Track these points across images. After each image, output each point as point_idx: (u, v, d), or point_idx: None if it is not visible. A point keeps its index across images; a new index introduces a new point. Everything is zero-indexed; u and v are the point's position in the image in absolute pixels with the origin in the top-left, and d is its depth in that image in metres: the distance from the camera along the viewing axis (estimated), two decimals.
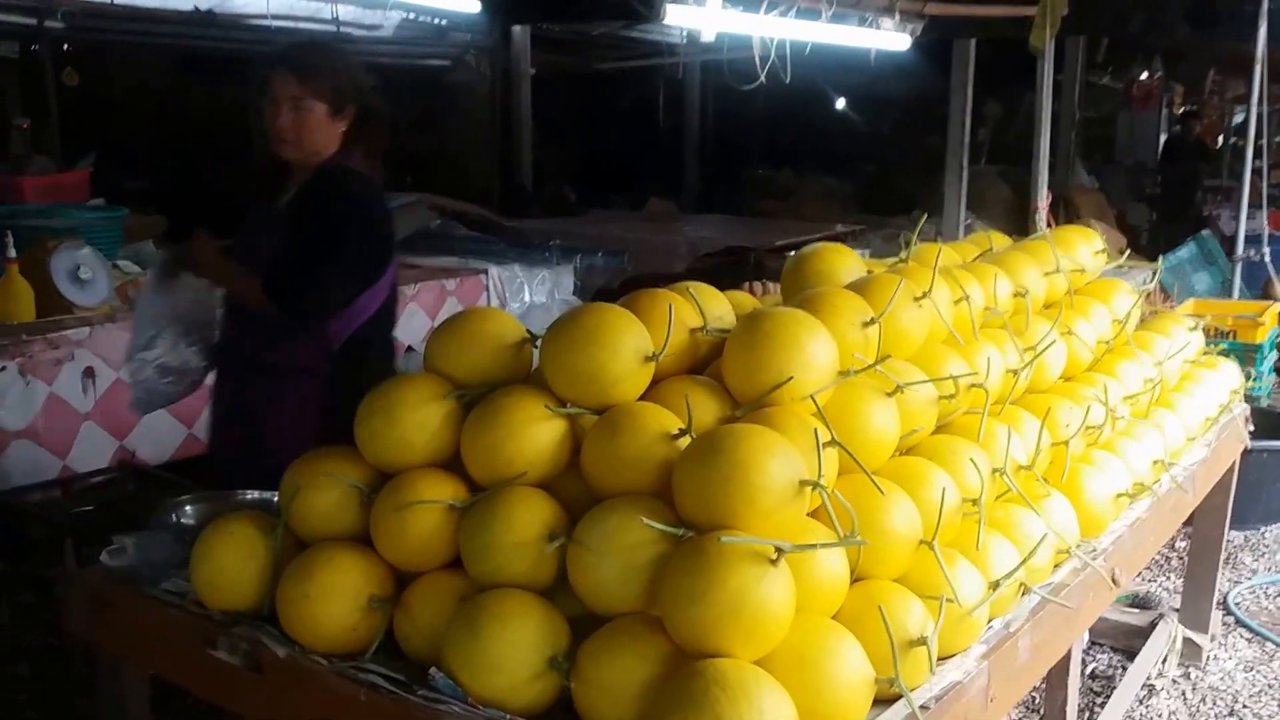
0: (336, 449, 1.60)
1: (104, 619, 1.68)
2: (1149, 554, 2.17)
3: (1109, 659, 3.10)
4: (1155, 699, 2.87)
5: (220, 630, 1.52)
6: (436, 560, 1.49)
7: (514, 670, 1.31)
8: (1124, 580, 2.01)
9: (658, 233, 6.70)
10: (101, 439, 3.52)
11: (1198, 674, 3.01)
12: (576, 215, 7.92)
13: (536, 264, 5.14)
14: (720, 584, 1.21)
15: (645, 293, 1.64)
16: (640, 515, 1.33)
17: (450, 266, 4.87)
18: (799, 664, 1.27)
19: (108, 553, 1.70)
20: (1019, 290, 2.16)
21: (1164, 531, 2.26)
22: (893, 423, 1.60)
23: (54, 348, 3.37)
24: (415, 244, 5.40)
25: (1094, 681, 2.97)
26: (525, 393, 1.50)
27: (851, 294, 1.70)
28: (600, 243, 6.03)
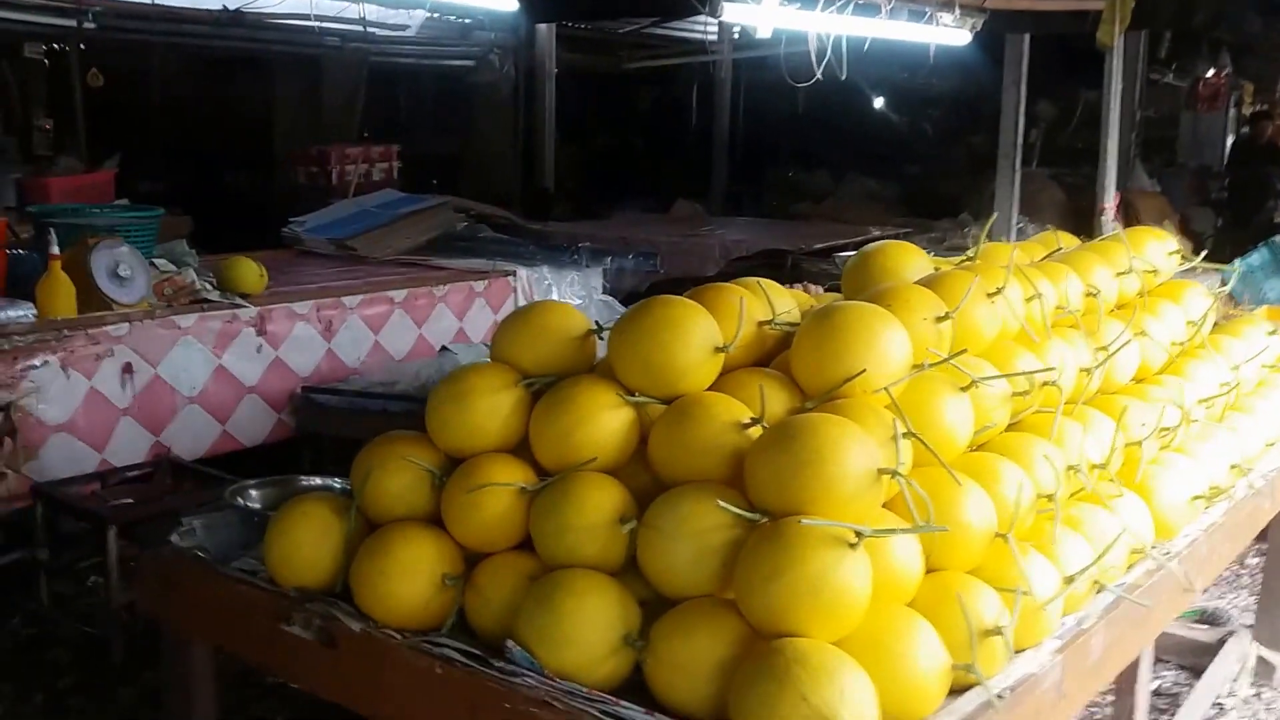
0: (406, 434, 1.68)
1: (173, 598, 1.78)
2: (1224, 561, 2.21)
3: (1174, 676, 3.13)
4: (1225, 718, 2.91)
5: (294, 606, 1.61)
6: (506, 541, 1.57)
7: (589, 646, 1.38)
8: (1199, 585, 2.06)
9: (686, 235, 6.79)
10: (138, 434, 3.66)
11: (1271, 694, 3.04)
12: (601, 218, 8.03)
13: (565, 266, 5.26)
14: (800, 563, 1.28)
15: (713, 286, 1.72)
16: (713, 500, 1.41)
17: (478, 268, 5.02)
18: (875, 648, 1.33)
19: (177, 533, 1.80)
20: (1090, 290, 2.22)
21: (1240, 539, 2.31)
22: (966, 417, 1.66)
23: (94, 343, 3.52)
24: (442, 246, 5.58)
25: (1158, 699, 3.01)
26: (594, 382, 1.58)
27: (924, 289, 1.76)
28: (629, 245, 6.13)
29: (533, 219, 7.08)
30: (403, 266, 5.14)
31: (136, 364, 3.62)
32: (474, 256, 5.33)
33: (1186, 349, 2.45)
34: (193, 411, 3.80)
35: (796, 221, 8.27)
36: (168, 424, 3.74)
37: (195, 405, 3.81)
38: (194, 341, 3.79)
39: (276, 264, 4.79)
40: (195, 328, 3.80)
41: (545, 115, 8.98)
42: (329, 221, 5.83)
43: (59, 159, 7.17)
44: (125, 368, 3.60)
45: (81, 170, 6.85)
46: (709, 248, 6.50)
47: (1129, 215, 7.43)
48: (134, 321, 3.63)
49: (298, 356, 4.10)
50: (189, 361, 3.78)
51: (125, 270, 3.64)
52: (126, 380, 3.61)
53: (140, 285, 3.70)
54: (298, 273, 4.82)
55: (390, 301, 4.49)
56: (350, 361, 4.27)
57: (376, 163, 7.58)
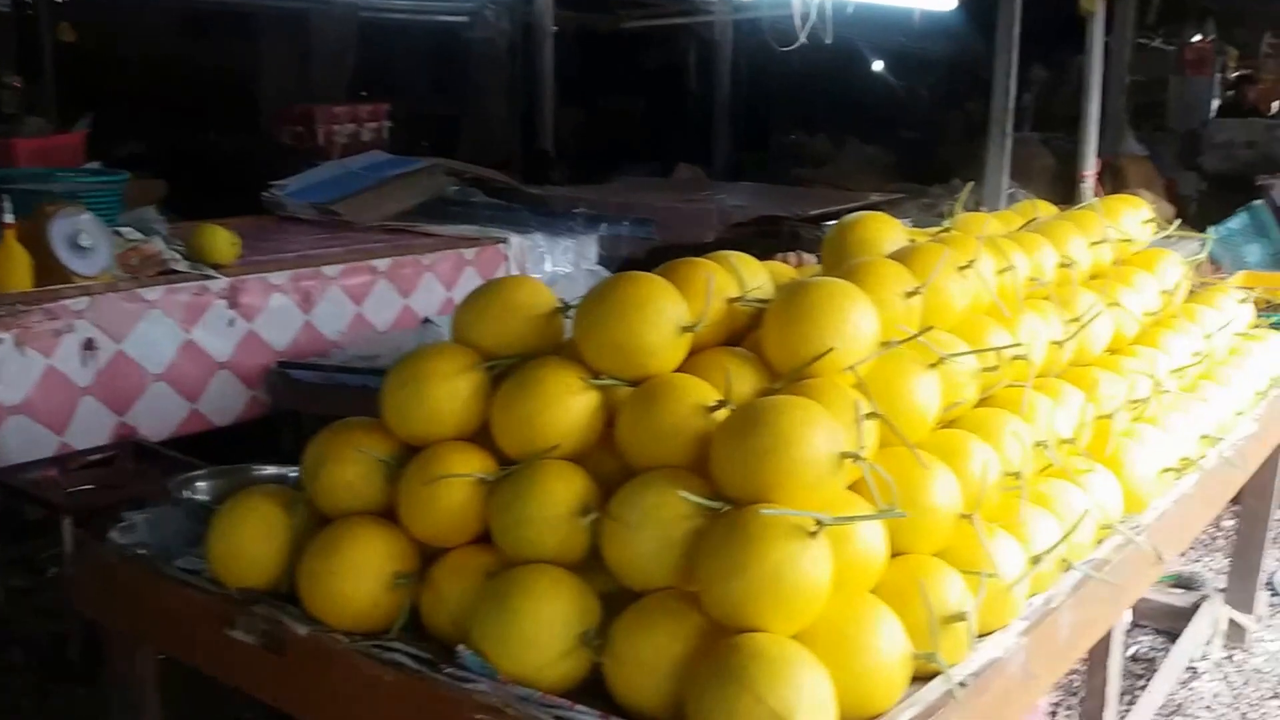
0: (361, 421, 1.63)
1: (114, 598, 1.71)
2: (1195, 531, 2.19)
3: (1151, 641, 3.13)
4: (1198, 682, 2.91)
5: (239, 609, 1.55)
6: (464, 535, 1.52)
7: (545, 647, 1.34)
8: (1168, 557, 2.03)
9: (686, 200, 6.65)
10: (101, 414, 3.50)
11: (1242, 656, 3.04)
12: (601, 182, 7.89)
13: (559, 233, 5.09)
14: (760, 557, 1.25)
15: (683, 261, 1.67)
16: (677, 489, 1.37)
17: (469, 235, 4.81)
18: (837, 639, 1.30)
19: (118, 529, 1.72)
20: (1065, 261, 2.18)
21: (1211, 508, 2.29)
22: (935, 395, 1.62)
23: (52, 318, 3.35)
24: (431, 211, 5.34)
25: (1135, 664, 3.01)
26: (558, 364, 1.53)
27: (894, 263, 1.72)
28: (626, 210, 5.98)
29: (530, 183, 6.91)
30: (389, 233, 4.92)
31: (99, 340, 3.47)
32: (466, 223, 5.11)
33: (1160, 318, 2.42)
34: (159, 390, 3.65)
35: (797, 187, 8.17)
36: (133, 403, 3.59)
37: (162, 383, 3.65)
38: (161, 315, 3.64)
39: (255, 230, 4.64)
40: (162, 300, 3.65)
41: (544, 75, 8.74)
42: (312, 185, 5.61)
43: (27, 120, 6.91)
44: (86, 344, 3.44)
45: (50, 131, 6.60)
46: (707, 214, 6.37)
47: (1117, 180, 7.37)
48: (95, 295, 3.46)
49: (273, 330, 3.94)
50: (155, 336, 3.62)
51: (86, 240, 3.46)
52: (88, 357, 3.45)
53: (103, 256, 3.53)
54: (277, 240, 4.62)
55: (373, 271, 4.33)
56: (330, 335, 4.11)
57: (365, 123, 7.35)
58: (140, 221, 4.06)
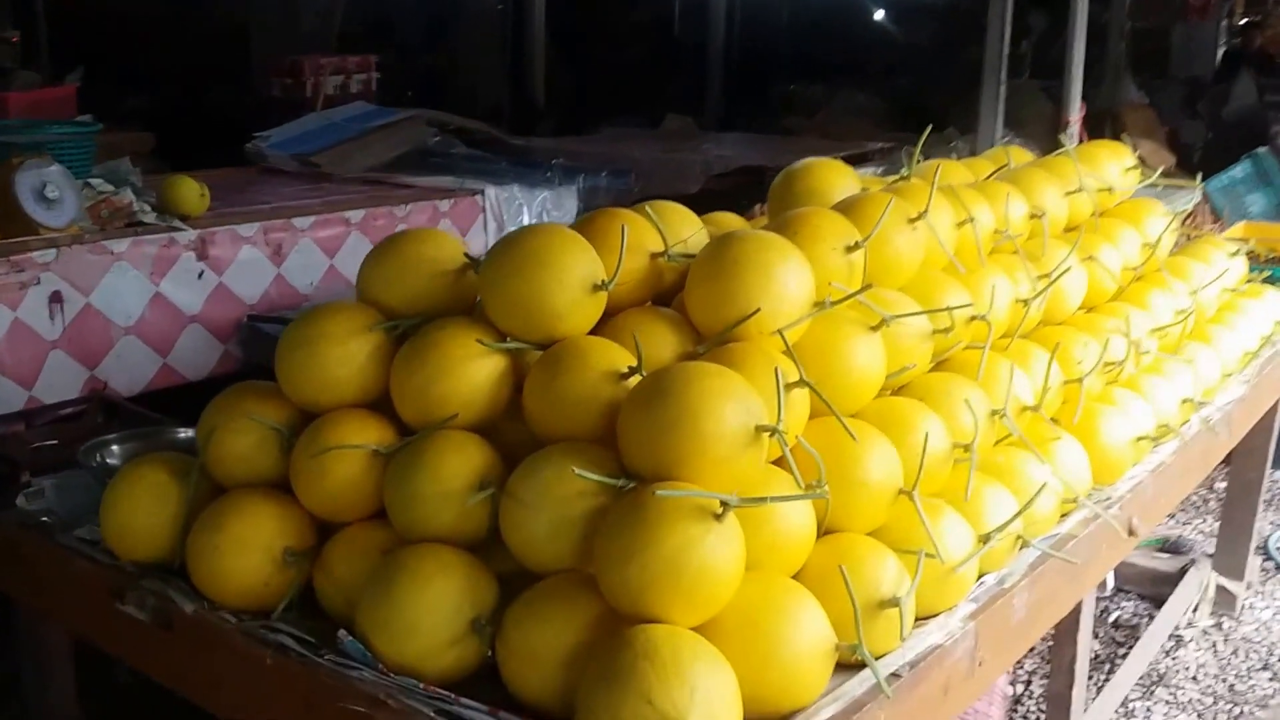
0: (261, 385, 1.50)
1: (16, 567, 1.60)
2: (1174, 501, 2.05)
3: (1134, 607, 2.99)
4: (1183, 650, 2.78)
5: (129, 582, 1.44)
6: (360, 510, 1.39)
7: (430, 634, 1.22)
8: (1143, 530, 1.89)
9: (670, 151, 6.46)
10: (71, 368, 3.39)
11: (1231, 624, 2.90)
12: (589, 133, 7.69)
13: (537, 184, 4.92)
14: (657, 542, 1.11)
15: (600, 213, 1.52)
16: (577, 464, 1.23)
17: (445, 186, 4.59)
18: (748, 629, 1.17)
19: (24, 495, 1.62)
20: (1035, 211, 2.02)
21: (1192, 477, 2.14)
22: (876, 360, 1.47)
23: (18, 271, 3.23)
24: (409, 163, 5.16)
25: (1117, 631, 2.87)
26: (461, 325, 1.39)
27: (834, 215, 1.56)
28: (608, 162, 5.81)
29: (517, 134, 6.74)
30: (368, 185, 4.71)
31: (66, 293, 3.37)
32: (445, 174, 4.87)
33: (1143, 274, 2.26)
34: (130, 343, 3.54)
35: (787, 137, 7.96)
36: (103, 357, 3.47)
37: (132, 336, 3.54)
38: (128, 268, 3.51)
39: (234, 182, 4.53)
40: (129, 253, 3.50)
41: (535, 24, 8.51)
42: (294, 136, 5.49)
43: (20, 73, 6.83)
44: (53, 297, 3.34)
45: (41, 85, 6.51)
46: (689, 165, 6.17)
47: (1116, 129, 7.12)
48: (62, 247, 3.33)
49: (243, 283, 3.79)
50: (123, 289, 3.48)
51: (53, 192, 3.36)
52: (55, 310, 3.37)
53: (70, 208, 3.43)
54: (254, 192, 4.47)
55: (346, 223, 4.17)
56: (302, 288, 3.97)
57: (354, 74, 7.19)
58: (113, 173, 3.95)
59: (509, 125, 7.18)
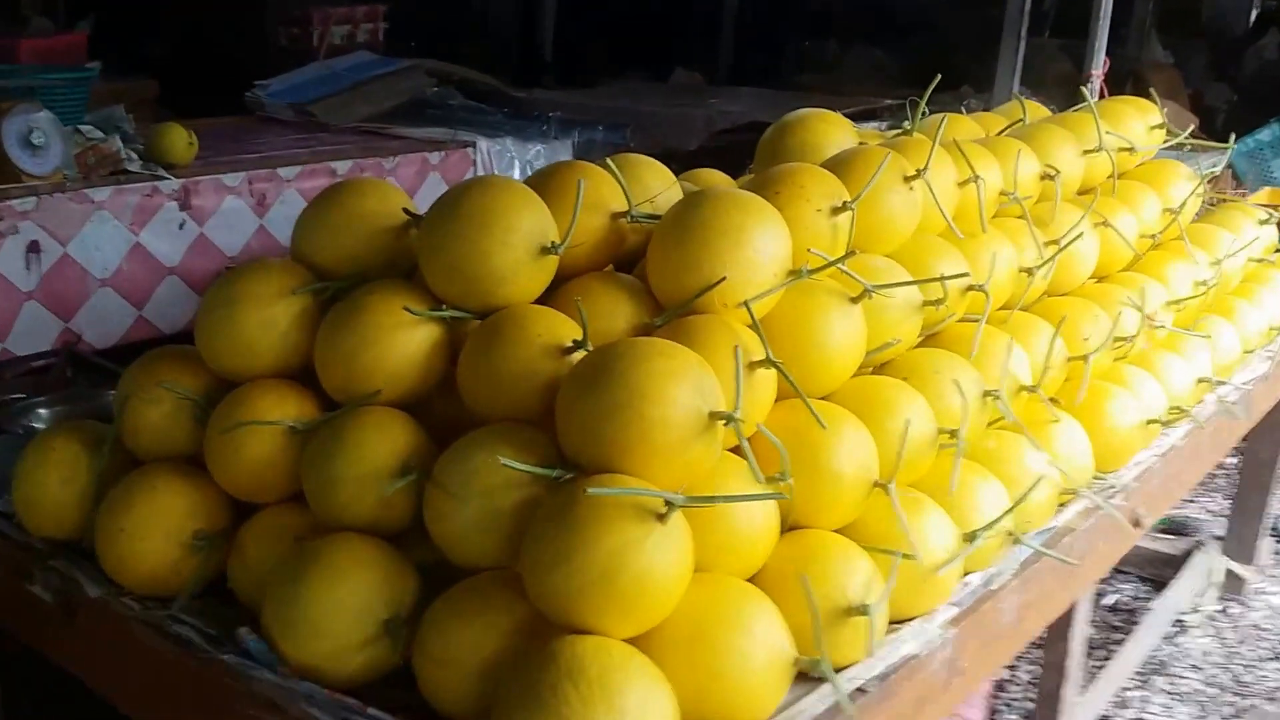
0: (182, 350, 1.36)
1: None
2: (1184, 488, 1.89)
3: (1134, 589, 2.84)
4: (1186, 637, 2.62)
5: (36, 562, 1.31)
6: (278, 491, 1.25)
7: (337, 635, 1.08)
8: (1149, 521, 1.74)
9: (673, 106, 6.25)
10: (45, 320, 3.25)
11: (1239, 610, 2.75)
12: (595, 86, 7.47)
13: (532, 137, 4.74)
14: (589, 546, 0.96)
15: (557, 166, 1.36)
16: (508, 450, 1.08)
17: (437, 138, 4.43)
18: (694, 640, 1.02)
19: None
20: (1048, 171, 1.84)
21: (1204, 461, 1.98)
22: (856, 335, 1.32)
23: None
24: (408, 114, 4.98)
25: (1114, 615, 2.72)
26: (392, 290, 1.23)
27: (821, 172, 1.40)
28: (610, 116, 5.62)
29: (521, 86, 6.55)
30: (362, 135, 4.56)
31: (44, 242, 3.24)
32: (440, 125, 4.70)
33: (1162, 242, 2.08)
34: (105, 295, 3.40)
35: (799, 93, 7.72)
36: (77, 309, 3.34)
37: (108, 288, 3.40)
38: (109, 217, 3.38)
39: (230, 131, 4.39)
40: (111, 202, 3.38)
41: None
42: (293, 85, 5.36)
43: (34, 20, 6.73)
44: (31, 246, 3.21)
45: (53, 32, 6.40)
46: (692, 120, 5.97)
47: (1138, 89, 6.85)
48: (42, 195, 3.19)
49: (225, 234, 3.65)
50: (102, 239, 3.35)
51: (39, 138, 3.21)
52: (32, 260, 3.24)
53: (56, 154, 3.29)
54: (246, 141, 4.34)
55: (332, 174, 3.98)
56: (284, 239, 3.79)
57: (361, 24, 7.06)
58: (105, 120, 3.81)
59: (515, 77, 6.96)
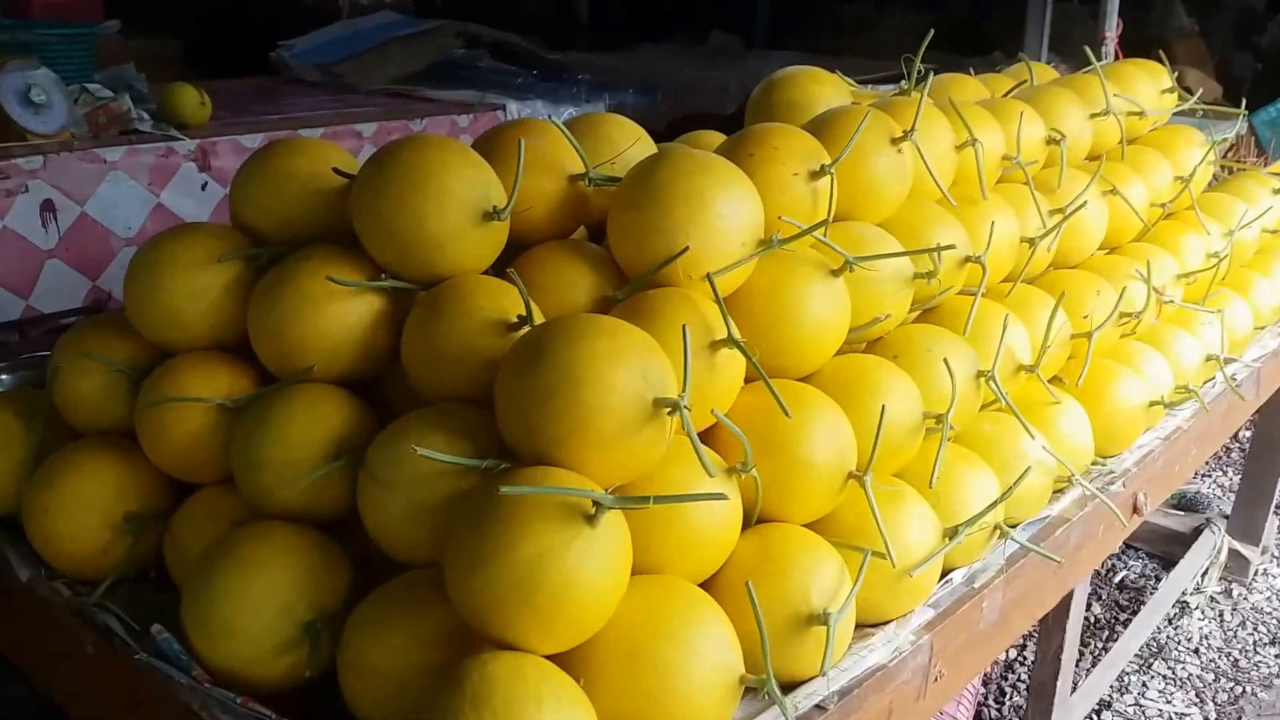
0: (118, 317, 1.22)
1: None
2: (1189, 471, 1.72)
3: (1142, 567, 2.67)
4: (1186, 620, 2.46)
5: None
6: (215, 471, 1.11)
7: (252, 639, 0.95)
8: (1150, 507, 1.58)
9: (713, 70, 6.01)
10: (71, 278, 3.15)
11: (1241, 592, 2.58)
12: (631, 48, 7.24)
13: (563, 100, 4.54)
14: (506, 550, 0.82)
15: (504, 125, 1.21)
16: (444, 433, 0.94)
17: (466, 100, 4.26)
18: (631, 656, 0.88)
19: None
20: (1053, 135, 1.67)
21: (1211, 442, 1.81)
22: (836, 310, 1.16)
23: (3, 178, 2.98)
24: (437, 75, 4.80)
25: (1122, 593, 2.56)
26: (327, 257, 1.09)
27: (798, 133, 1.23)
28: (643, 80, 5.39)
29: (554, 48, 6.32)
30: (389, 97, 4.40)
31: (59, 201, 3.13)
32: (469, 88, 4.52)
33: (1173, 211, 1.90)
34: (131, 254, 3.32)
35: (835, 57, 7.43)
36: (105, 266, 3.21)
37: (134, 247, 3.29)
38: (125, 177, 3.27)
39: (253, 92, 4.26)
40: (124, 162, 3.26)
41: None
42: (319, 45, 5.17)
43: None
44: (45, 205, 3.11)
45: None
46: (727, 84, 5.75)
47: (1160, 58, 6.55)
48: (49, 154, 3.07)
49: None
50: (120, 199, 3.23)
51: (39, 95, 3.10)
52: (49, 219, 3.14)
53: (60, 113, 3.18)
54: (268, 102, 4.20)
55: (357, 136, 3.83)
56: None
57: None
58: (115, 79, 3.67)
59: (548, 39, 6.73)
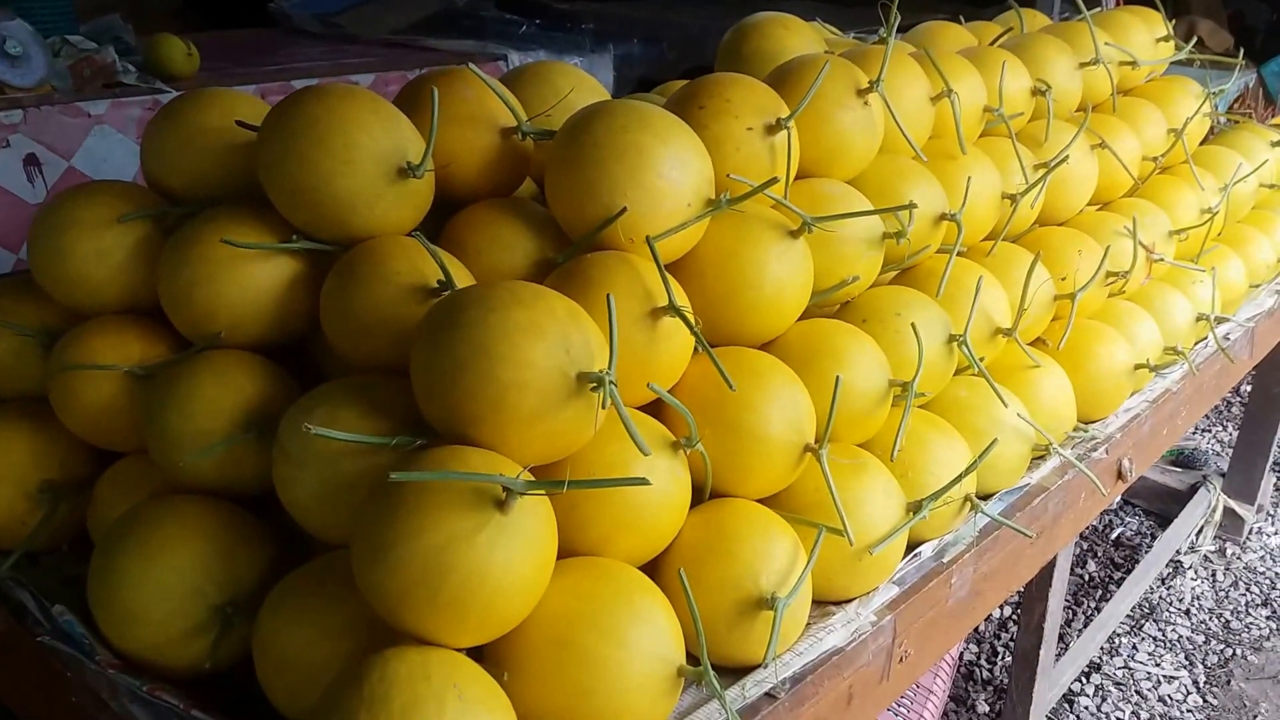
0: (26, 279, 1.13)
1: None
2: (1178, 434, 1.63)
3: (1138, 524, 2.58)
4: (1180, 579, 2.37)
5: None
6: (130, 440, 1.03)
7: (157, 623, 0.87)
8: (1136, 473, 1.49)
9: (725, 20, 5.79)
10: None
11: (1235, 550, 2.49)
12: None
13: (566, 50, 4.37)
14: (410, 539, 0.73)
15: (429, 74, 1.10)
16: (357, 406, 0.86)
17: (467, 50, 4.10)
18: (559, 649, 0.80)
19: None
20: (1038, 86, 1.55)
21: (1202, 404, 1.71)
22: (797, 273, 1.06)
23: None
24: (438, 24, 4.65)
25: (1117, 550, 2.47)
26: (236, 217, 0.99)
27: (753, 83, 1.12)
28: (647, 28, 5.18)
29: None
30: (389, 48, 4.21)
31: (43, 155, 3.03)
32: (472, 38, 4.32)
33: (1166, 165, 1.79)
34: None
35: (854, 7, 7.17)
36: None
37: None
38: (111, 130, 3.16)
39: (251, 43, 4.14)
40: (110, 115, 3.15)
41: None
42: None
43: None
44: (29, 159, 3.01)
45: None
46: None
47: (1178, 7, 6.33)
48: (29, 108, 2.98)
49: None
50: (110, 152, 3.13)
51: (15, 48, 2.99)
52: (34, 174, 3.05)
53: (39, 65, 3.06)
54: (265, 53, 4.05)
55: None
56: None
57: None
58: (101, 30, 3.55)
59: None
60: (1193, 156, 1.76)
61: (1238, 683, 2.08)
